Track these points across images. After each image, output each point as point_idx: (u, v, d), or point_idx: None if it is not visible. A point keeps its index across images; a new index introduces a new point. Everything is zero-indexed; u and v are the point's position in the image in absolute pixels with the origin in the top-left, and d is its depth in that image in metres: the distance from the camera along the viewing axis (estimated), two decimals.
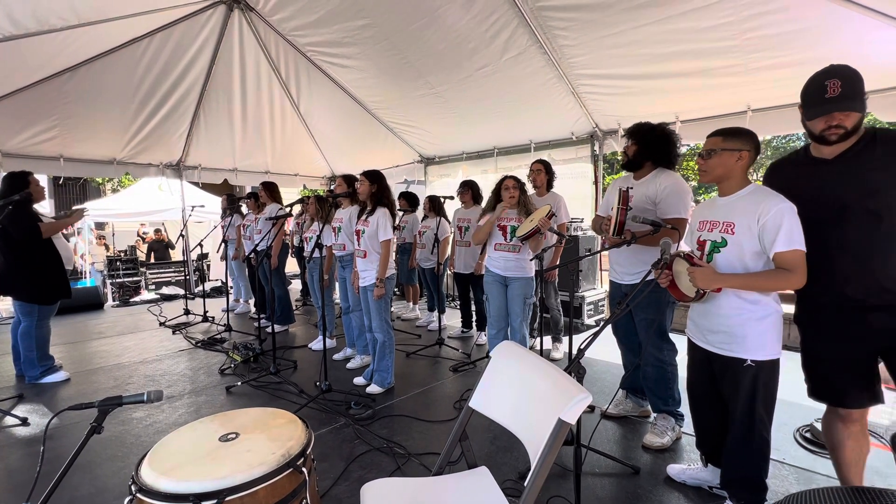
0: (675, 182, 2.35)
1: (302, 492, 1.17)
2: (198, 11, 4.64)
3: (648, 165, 2.45)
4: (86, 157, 6.17)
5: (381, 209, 3.10)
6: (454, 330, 4.79)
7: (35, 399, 3.13)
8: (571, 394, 1.06)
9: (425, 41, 4.36)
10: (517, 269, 3.06)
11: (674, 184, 2.34)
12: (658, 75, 3.90)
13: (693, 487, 2.07)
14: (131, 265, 8.13)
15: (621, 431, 2.64)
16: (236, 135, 6.78)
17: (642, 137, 2.42)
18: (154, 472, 1.05)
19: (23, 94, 4.74)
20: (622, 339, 2.70)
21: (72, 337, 4.70)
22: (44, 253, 3.39)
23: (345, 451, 2.40)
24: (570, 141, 5.33)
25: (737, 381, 1.72)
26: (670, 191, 2.32)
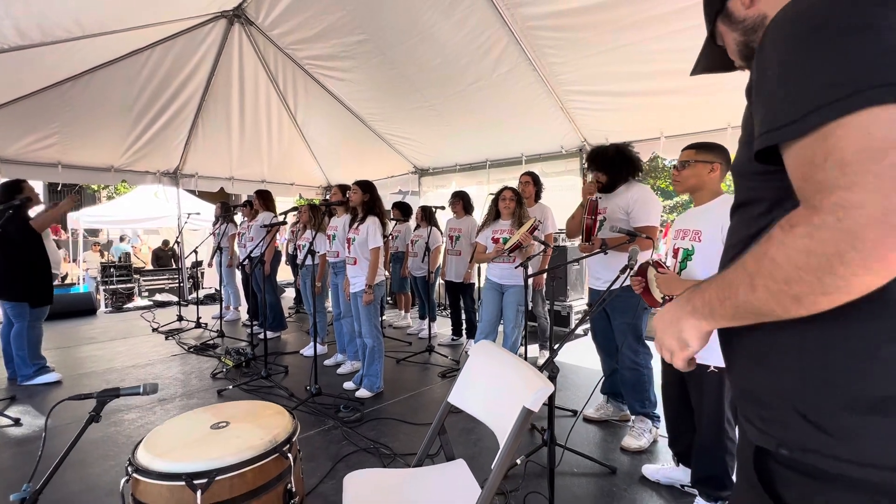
0: (643, 193, 2.52)
1: (287, 477, 1.25)
2: (199, 25, 4.78)
3: (620, 183, 2.61)
4: (83, 164, 6.25)
5: (371, 217, 3.21)
6: (444, 338, 4.87)
7: (27, 401, 3.17)
8: (537, 385, 1.16)
9: (419, 56, 4.51)
10: (513, 278, 3.17)
11: (642, 195, 2.51)
12: (642, 93, 4.06)
13: (666, 486, 2.15)
14: (125, 272, 8.15)
15: (601, 434, 2.72)
16: (234, 144, 6.89)
17: (604, 164, 2.60)
18: (149, 454, 1.13)
19: (25, 101, 4.84)
20: (600, 343, 2.81)
21: (63, 342, 4.73)
22: (34, 255, 3.45)
23: (332, 451, 2.46)
24: (559, 154, 5.48)
25: (702, 386, 1.82)
26: (641, 202, 2.48)
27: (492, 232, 3.28)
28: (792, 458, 0.56)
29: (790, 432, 0.57)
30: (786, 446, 0.57)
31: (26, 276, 3.40)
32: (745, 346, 0.66)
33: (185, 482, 1.07)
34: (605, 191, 2.62)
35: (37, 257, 3.45)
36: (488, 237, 3.29)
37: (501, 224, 3.27)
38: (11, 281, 3.36)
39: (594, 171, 2.61)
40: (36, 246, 3.44)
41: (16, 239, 3.31)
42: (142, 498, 1.11)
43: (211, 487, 1.09)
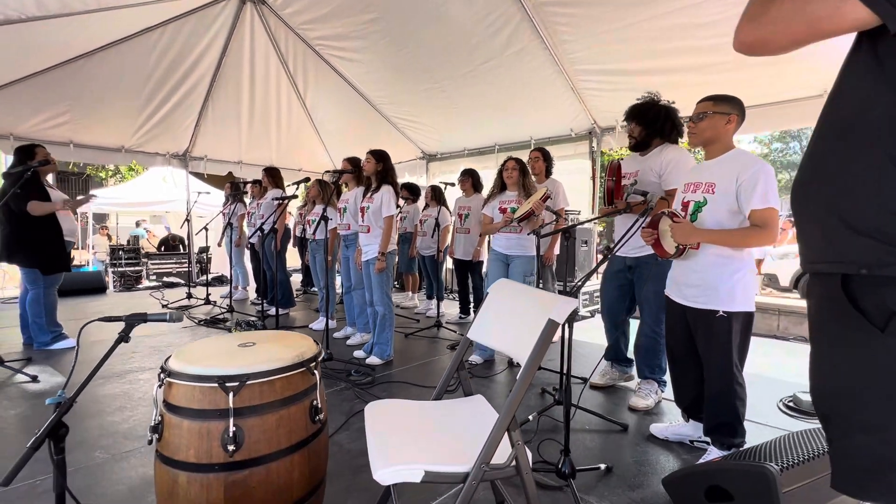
0: (679, 154, 2.45)
1: (313, 393, 1.28)
2: (211, 3, 4.81)
3: (656, 142, 2.56)
4: (95, 144, 6.28)
5: (385, 186, 3.23)
6: (452, 317, 4.89)
7: (43, 362, 3.22)
8: (561, 300, 1.18)
9: (430, 35, 4.53)
10: (518, 248, 3.18)
11: (677, 156, 2.44)
12: (655, 71, 4.06)
13: (675, 442, 2.17)
14: (133, 255, 8.21)
15: (608, 399, 2.74)
16: (243, 127, 6.92)
17: (644, 117, 2.54)
18: (181, 361, 1.16)
19: (37, 77, 4.87)
20: (608, 312, 2.82)
21: (75, 314, 4.78)
22: (43, 225, 3.45)
23: (345, 408, 2.49)
24: (568, 137, 5.48)
25: (710, 331, 1.83)
26: (675, 163, 2.42)
27: (498, 203, 3.28)
28: (871, 275, 0.72)
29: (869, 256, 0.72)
30: (866, 267, 0.72)
31: (36, 243, 3.41)
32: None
33: (217, 384, 1.10)
34: (637, 148, 2.59)
35: (46, 224, 3.45)
36: (495, 208, 3.29)
37: (508, 195, 3.27)
38: (22, 247, 3.37)
39: (630, 123, 2.56)
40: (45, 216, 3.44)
41: (21, 212, 3.31)
42: (174, 402, 1.14)
43: (242, 391, 1.12)
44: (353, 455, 2.02)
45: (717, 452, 1.87)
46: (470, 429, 1.34)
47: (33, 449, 1.05)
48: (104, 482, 1.77)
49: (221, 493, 1.09)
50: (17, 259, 3.40)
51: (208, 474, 1.09)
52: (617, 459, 2.01)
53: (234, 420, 1.10)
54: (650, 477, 1.88)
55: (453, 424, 1.38)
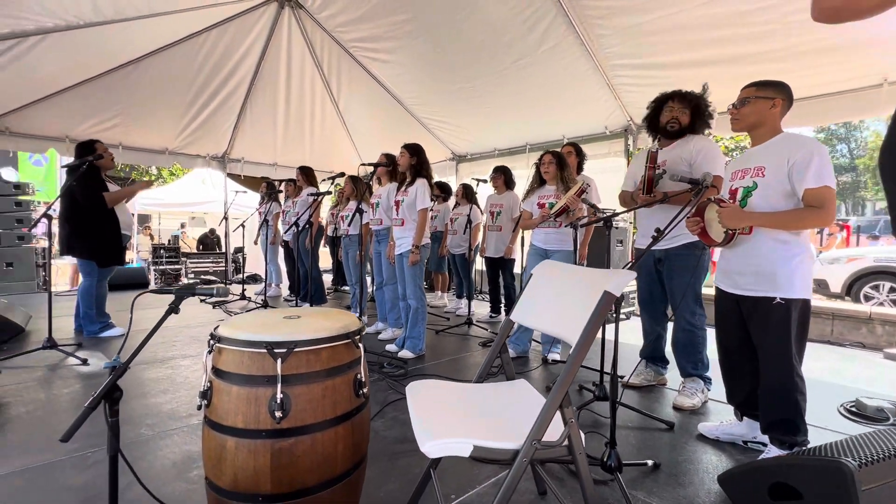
0: (707, 143, 2.42)
1: (357, 366, 1.26)
2: (252, 8, 4.98)
3: (685, 133, 2.50)
4: (142, 147, 6.59)
5: (420, 180, 3.24)
6: (482, 316, 4.83)
7: (93, 347, 3.36)
8: (617, 273, 1.12)
9: (463, 34, 4.54)
10: (558, 243, 3.12)
11: (707, 145, 2.41)
12: (695, 63, 3.93)
13: (727, 443, 2.04)
14: (173, 254, 8.55)
15: (645, 399, 2.61)
16: (278, 130, 7.12)
17: (697, 107, 2.47)
18: (231, 328, 1.17)
19: (91, 83, 5.16)
20: (647, 306, 2.72)
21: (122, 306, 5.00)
22: (104, 218, 3.62)
23: (380, 398, 2.48)
24: (603, 136, 5.37)
25: (767, 320, 1.72)
26: (706, 152, 2.37)
27: (537, 198, 3.24)
28: None
29: None
30: None
31: (95, 236, 3.57)
32: None
33: (266, 350, 1.10)
34: (674, 136, 2.50)
35: (106, 218, 3.61)
36: (534, 203, 3.25)
37: (546, 189, 3.22)
38: (81, 239, 3.54)
39: (677, 106, 2.47)
40: (104, 206, 3.61)
41: (88, 205, 3.47)
42: (223, 367, 1.15)
43: (289, 359, 1.11)
44: (389, 441, 2.00)
45: (777, 452, 1.74)
46: (516, 410, 1.30)
47: (90, 409, 1.07)
48: (150, 456, 1.82)
49: (268, 459, 1.08)
50: (77, 251, 3.56)
51: (255, 440, 1.09)
52: (664, 457, 1.91)
53: (282, 387, 1.10)
54: (702, 475, 1.77)
55: (498, 405, 1.33)
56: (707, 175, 1.78)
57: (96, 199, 3.52)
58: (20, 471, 1.71)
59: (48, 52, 4.27)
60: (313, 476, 1.13)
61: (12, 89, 4.80)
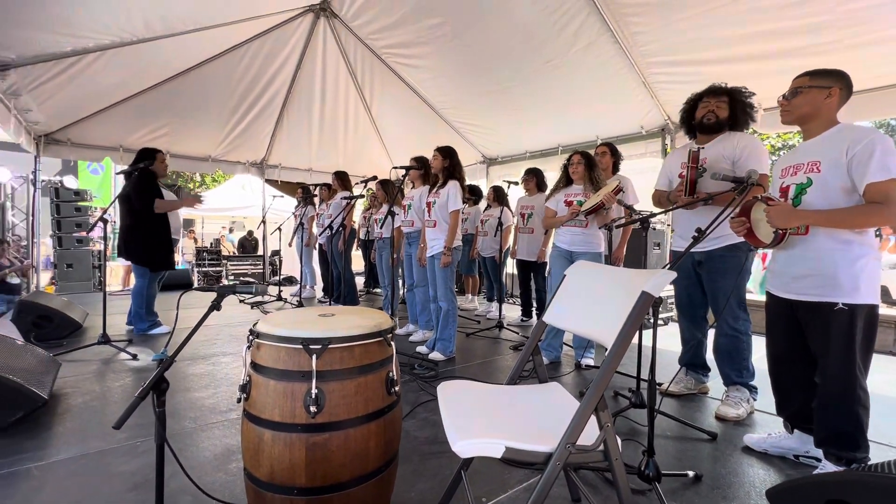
0: (751, 140, 2.30)
1: (389, 364, 1.27)
2: (290, 19, 5.17)
3: (724, 129, 2.39)
4: (187, 154, 6.95)
5: (452, 182, 3.25)
6: (513, 320, 4.78)
7: (142, 344, 3.56)
8: (655, 273, 1.08)
9: (494, 37, 4.53)
10: (584, 244, 3.04)
11: (751, 141, 2.29)
12: (736, 59, 3.76)
13: (776, 456, 1.92)
14: (215, 257, 8.96)
15: (685, 408, 2.50)
16: (313, 136, 7.34)
17: (737, 102, 2.35)
18: (268, 324, 1.21)
19: (143, 95, 5.49)
20: (685, 311, 2.61)
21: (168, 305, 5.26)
22: (157, 224, 3.82)
23: (411, 398, 2.49)
24: (639, 135, 5.22)
25: (828, 327, 1.61)
26: (750, 148, 2.25)
27: (564, 196, 3.15)
28: None
29: None
30: None
31: (148, 241, 3.77)
32: None
33: (302, 346, 1.13)
34: (713, 129, 2.38)
35: (159, 223, 3.81)
36: (560, 201, 3.16)
37: (574, 189, 3.14)
38: (136, 243, 3.75)
39: (713, 100, 2.36)
40: (160, 216, 3.79)
41: (142, 209, 3.67)
42: (261, 362, 1.19)
43: (324, 355, 1.14)
44: (420, 442, 2.01)
45: (833, 468, 1.62)
46: (549, 413, 1.27)
47: (140, 398, 1.14)
48: (192, 448, 1.90)
49: (303, 453, 1.11)
50: (133, 255, 3.78)
51: (291, 434, 1.12)
52: (706, 468, 1.82)
53: (317, 382, 1.12)
54: (748, 489, 1.68)
55: (531, 408, 1.31)
56: (752, 172, 1.69)
57: (149, 203, 3.73)
58: (78, 457, 1.82)
59: (104, 68, 4.58)
60: (346, 471, 1.15)
61: (74, 103, 5.17)
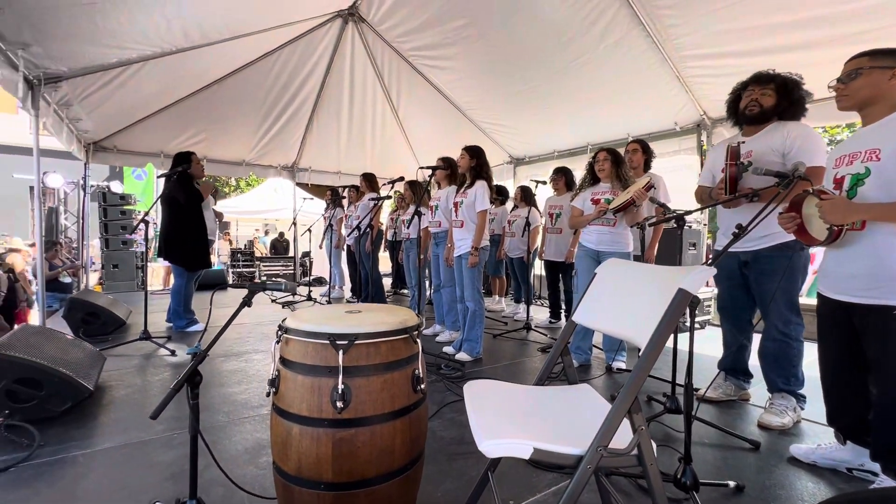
0: (804, 129, 2.12)
1: (415, 362, 1.26)
2: (319, 25, 5.28)
3: (773, 120, 2.25)
4: (223, 159, 7.21)
5: (479, 182, 3.23)
6: (542, 322, 4.70)
7: (180, 340, 3.71)
8: (693, 269, 1.03)
9: (521, 35, 4.49)
10: (611, 244, 2.95)
11: (803, 131, 2.11)
12: (779, 49, 3.56)
13: (826, 469, 1.80)
14: (248, 258, 9.26)
15: (724, 415, 2.38)
16: (342, 139, 7.47)
17: (786, 90, 2.17)
18: (296, 320, 1.22)
19: (182, 103, 5.74)
20: (729, 314, 2.47)
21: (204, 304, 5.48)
22: (195, 225, 3.99)
23: (437, 398, 2.48)
24: (672, 132, 5.04)
25: (886, 332, 1.49)
26: (804, 139, 2.08)
27: (590, 194, 3.07)
28: None
29: None
30: None
31: (186, 241, 3.94)
32: None
33: (329, 341, 1.14)
34: (758, 120, 2.25)
35: (196, 224, 3.98)
36: (586, 199, 3.08)
37: (601, 187, 3.05)
38: (174, 245, 3.93)
39: (757, 88, 2.22)
40: (195, 213, 3.97)
41: (188, 202, 3.85)
42: (289, 357, 1.20)
43: (350, 350, 1.14)
44: (446, 442, 1.99)
45: (891, 483, 1.50)
46: (580, 415, 1.23)
47: (175, 390, 1.17)
48: (225, 441, 1.95)
49: (330, 448, 1.11)
50: (172, 256, 3.96)
51: (318, 428, 1.12)
52: (749, 479, 1.72)
53: (343, 378, 1.12)
54: (795, 502, 1.57)
55: (560, 409, 1.27)
56: (799, 165, 1.59)
57: (194, 195, 3.91)
58: (120, 446, 1.91)
59: (146, 78, 4.80)
60: (372, 468, 1.15)
61: (119, 112, 5.45)
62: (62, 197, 7.56)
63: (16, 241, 7.39)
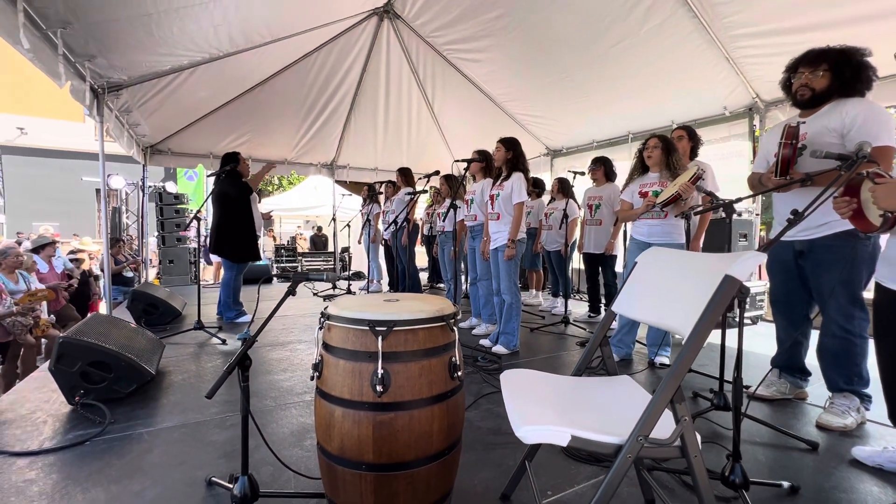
0: (868, 106, 1.94)
1: (452, 349, 1.28)
2: (355, 24, 5.38)
3: (832, 99, 2.08)
4: (266, 158, 7.49)
5: (516, 174, 3.20)
6: (580, 316, 4.61)
7: (229, 330, 3.92)
8: (742, 255, 0.98)
9: (557, 22, 4.38)
10: (663, 235, 2.85)
11: (866, 108, 1.93)
12: (839, 22, 3.28)
13: (894, 473, 1.67)
14: (291, 253, 9.63)
15: (778, 414, 2.24)
16: (378, 136, 7.59)
17: (839, 66, 1.99)
18: (338, 308, 1.27)
19: (229, 106, 6.02)
20: (782, 308, 2.33)
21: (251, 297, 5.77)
22: (245, 219, 4.21)
23: (474, 390, 2.50)
24: (721, 117, 4.79)
25: None
26: (865, 116, 1.91)
27: (638, 186, 2.97)
28: None
29: None
30: None
31: (235, 239, 4.17)
32: None
33: (369, 328, 1.17)
34: (812, 104, 2.09)
35: (244, 219, 4.20)
36: (634, 192, 2.99)
37: (650, 177, 2.94)
38: (225, 239, 4.16)
39: (807, 70, 2.06)
40: (245, 209, 4.19)
41: (239, 195, 4.07)
42: (332, 342, 1.25)
43: (389, 337, 1.17)
44: (483, 433, 2.01)
45: None
46: (619, 405, 1.21)
47: (228, 372, 1.25)
48: (272, 424, 2.05)
49: (371, 430, 1.15)
50: (223, 250, 4.20)
51: (359, 411, 1.17)
52: (805, 481, 1.62)
53: (382, 363, 1.16)
54: None
55: (599, 399, 1.26)
56: (864, 144, 1.46)
57: (245, 188, 4.14)
58: (179, 425, 2.05)
59: (197, 83, 5.08)
60: (411, 451, 1.18)
61: (172, 116, 5.80)
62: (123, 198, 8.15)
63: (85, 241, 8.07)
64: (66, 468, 1.68)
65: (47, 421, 2.09)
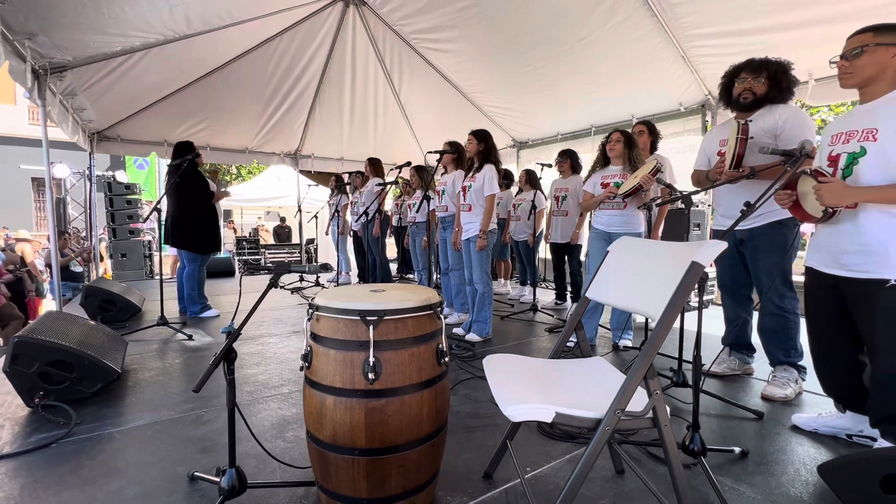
0: (795, 111, 2.22)
1: (439, 336, 1.33)
2: (320, 10, 5.23)
3: (765, 104, 2.31)
4: (225, 147, 7.21)
5: (487, 166, 3.26)
6: (547, 304, 4.78)
7: (196, 326, 3.80)
8: (705, 243, 1.09)
9: (525, 16, 4.45)
10: (622, 225, 3.01)
11: (794, 113, 2.21)
12: (788, 26, 3.54)
13: (827, 436, 1.88)
14: (254, 245, 9.32)
15: (729, 388, 2.46)
16: (344, 125, 7.44)
17: (777, 76, 2.25)
18: (326, 298, 1.28)
19: (184, 91, 5.71)
20: (729, 291, 2.56)
21: (214, 292, 5.57)
22: (208, 211, 4.07)
23: (450, 377, 2.56)
24: (677, 113, 5.04)
25: (877, 305, 1.55)
26: (793, 121, 2.17)
27: (600, 178, 3.12)
28: None
29: None
30: None
31: (197, 229, 4.02)
32: None
33: (359, 317, 1.20)
34: (747, 108, 2.31)
35: (207, 210, 4.05)
36: (596, 184, 3.13)
37: (611, 170, 3.09)
38: (186, 232, 3.99)
39: (750, 77, 2.28)
40: (206, 200, 4.04)
41: (190, 192, 3.92)
42: (321, 333, 1.27)
43: (379, 326, 1.21)
44: (463, 416, 2.08)
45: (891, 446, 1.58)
46: (596, 384, 1.30)
47: (214, 365, 1.24)
48: (251, 417, 2.03)
49: (363, 417, 1.19)
50: (184, 242, 4.02)
51: (351, 399, 1.20)
52: (752, 446, 1.81)
53: (374, 351, 1.19)
54: (797, 466, 1.66)
55: (577, 379, 1.35)
56: (806, 143, 1.63)
57: (205, 187, 3.98)
58: (152, 423, 2.00)
59: (149, 67, 4.79)
60: (402, 435, 1.22)
61: (122, 101, 5.45)
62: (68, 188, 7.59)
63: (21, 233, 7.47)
64: (33, 472, 1.61)
65: (4, 425, 1.98)
